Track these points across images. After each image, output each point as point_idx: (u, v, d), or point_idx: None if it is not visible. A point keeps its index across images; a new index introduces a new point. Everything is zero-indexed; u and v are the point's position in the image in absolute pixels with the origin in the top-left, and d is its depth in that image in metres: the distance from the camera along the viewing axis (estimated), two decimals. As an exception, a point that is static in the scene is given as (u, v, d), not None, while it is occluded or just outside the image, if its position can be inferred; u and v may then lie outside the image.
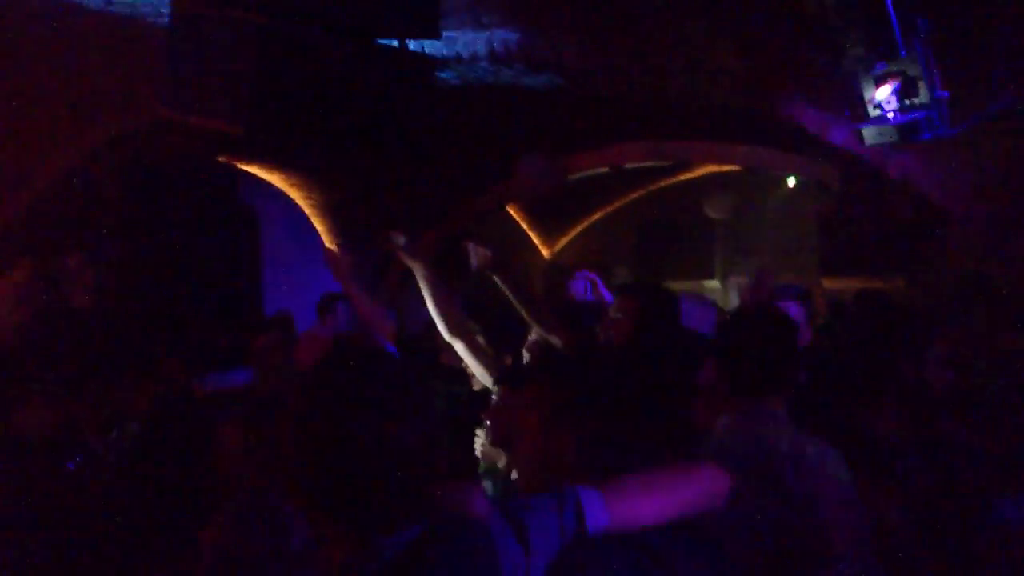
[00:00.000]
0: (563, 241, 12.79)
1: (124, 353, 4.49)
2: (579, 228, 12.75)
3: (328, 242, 9.26)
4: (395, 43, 4.20)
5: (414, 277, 3.98)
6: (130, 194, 6.02)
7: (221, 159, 7.56)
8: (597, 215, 12.51)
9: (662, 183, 11.42)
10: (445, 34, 5.24)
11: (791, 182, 10.12)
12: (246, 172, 8.33)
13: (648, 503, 1.77)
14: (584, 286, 6.65)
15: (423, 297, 3.95)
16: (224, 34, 3.50)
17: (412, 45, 4.71)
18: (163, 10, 4.75)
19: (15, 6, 4.98)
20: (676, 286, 10.72)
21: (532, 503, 1.73)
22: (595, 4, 4.74)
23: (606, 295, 5.13)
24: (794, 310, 3.87)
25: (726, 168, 10.03)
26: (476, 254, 4.30)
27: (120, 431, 3.47)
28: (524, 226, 12.25)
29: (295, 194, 8.94)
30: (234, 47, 3.48)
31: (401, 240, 4.31)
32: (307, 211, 9.18)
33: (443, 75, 5.75)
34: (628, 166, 8.92)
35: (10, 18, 5.08)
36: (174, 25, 3.68)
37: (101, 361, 3.96)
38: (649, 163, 8.98)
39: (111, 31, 5.19)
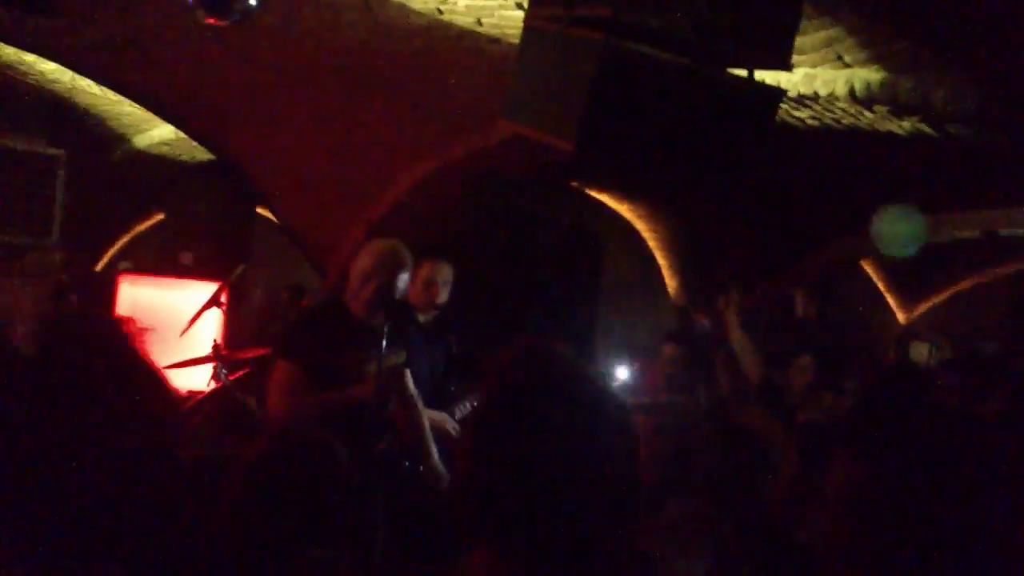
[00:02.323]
0: (923, 307, 11.83)
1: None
2: (944, 295, 11.75)
3: (669, 278, 9.23)
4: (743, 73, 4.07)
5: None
6: (479, 206, 6.32)
7: (572, 183, 7.77)
8: (966, 283, 11.45)
9: (1045, 256, 10.25)
10: (804, 71, 5.01)
11: None
12: (594, 199, 8.52)
13: None
14: (930, 351, 6.09)
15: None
16: (566, 51, 3.55)
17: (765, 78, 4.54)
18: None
19: (399, 24, 5.41)
20: (1050, 371, 9.51)
21: None
22: (970, 42, 4.31)
23: None
24: None
25: None
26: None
27: None
28: (880, 286, 11.49)
29: (641, 226, 8.99)
30: (573, 64, 3.51)
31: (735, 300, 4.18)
32: (651, 244, 9.21)
33: (798, 114, 5.51)
34: (1004, 232, 8.07)
35: (394, 34, 5.52)
36: (522, 39, 3.79)
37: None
38: (1028, 232, 8.08)
39: (480, 50, 5.48)
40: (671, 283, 9.26)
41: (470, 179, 6.35)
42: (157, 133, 8.64)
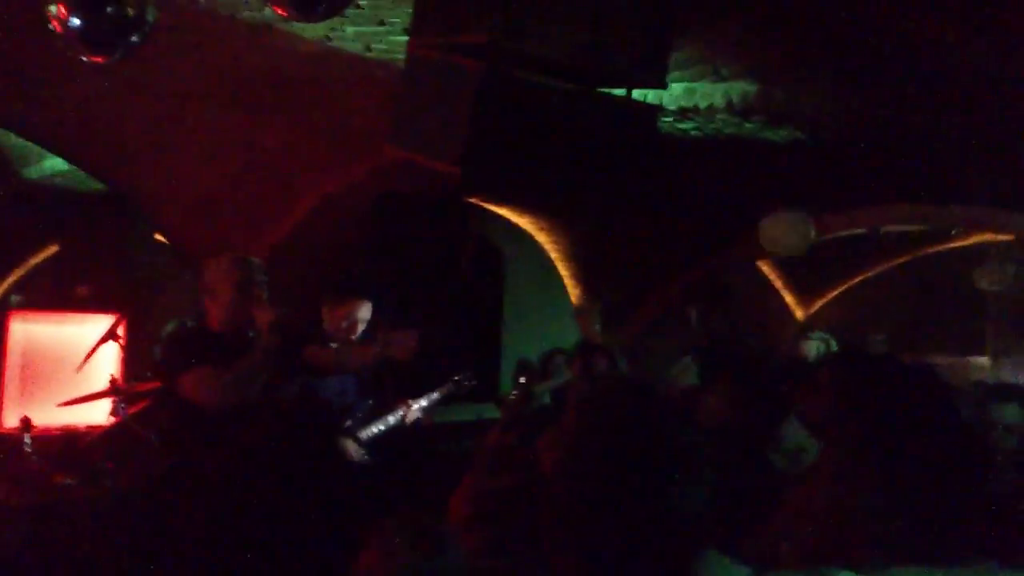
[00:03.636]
0: (819, 303, 12.25)
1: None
2: (837, 291, 12.18)
3: (571, 288, 9.41)
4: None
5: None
6: (382, 224, 6.39)
7: (471, 199, 7.88)
8: (858, 278, 11.90)
9: (928, 249, 10.70)
10: (684, 85, 5.21)
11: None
12: (495, 213, 8.64)
13: None
14: (817, 347, 6.35)
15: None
16: (447, 78, 3.66)
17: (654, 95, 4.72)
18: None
19: (290, 51, 5.45)
20: (939, 360, 9.95)
21: None
22: (841, 51, 4.54)
23: None
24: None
25: (1003, 237, 9.27)
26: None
27: None
28: (778, 284, 11.86)
29: (542, 238, 9.15)
30: (455, 91, 3.62)
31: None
32: (553, 256, 9.37)
33: (683, 126, 5.71)
34: (887, 230, 8.44)
35: (286, 61, 5.56)
36: (405, 68, 3.89)
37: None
38: (910, 228, 8.47)
39: (371, 75, 5.55)
40: (573, 292, 9.43)
41: (370, 199, 6.42)
42: (49, 164, 8.47)
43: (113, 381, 4.84)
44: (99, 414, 5.11)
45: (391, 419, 5.24)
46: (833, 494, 1.69)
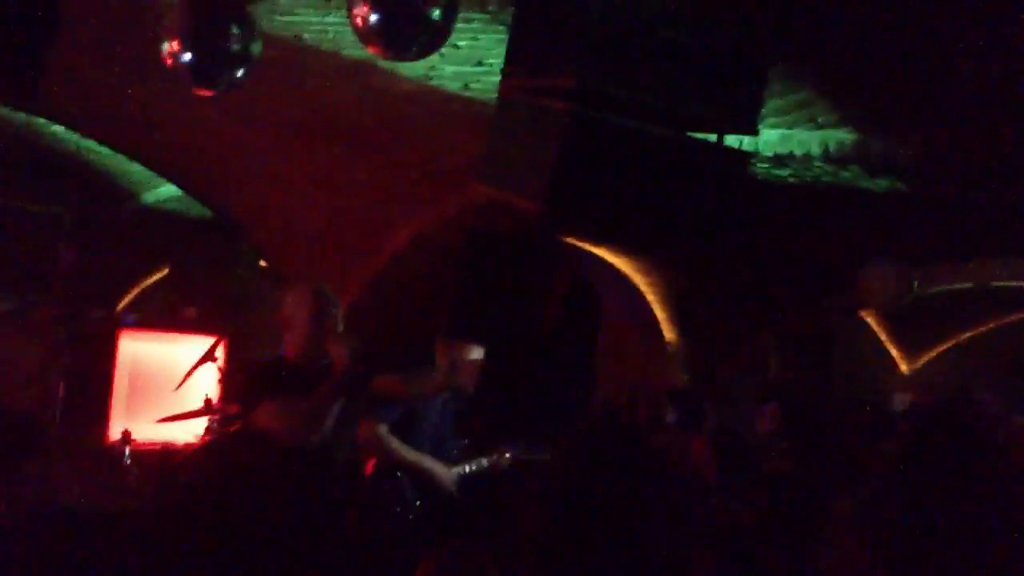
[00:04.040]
0: (925, 357, 11.86)
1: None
2: (946, 345, 11.78)
3: (667, 331, 9.33)
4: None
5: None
6: (473, 261, 6.47)
7: (566, 239, 7.92)
8: (967, 333, 11.49)
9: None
10: (780, 132, 5.16)
11: None
12: (592, 253, 8.65)
13: None
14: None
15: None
16: (535, 120, 3.71)
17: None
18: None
19: (390, 89, 5.60)
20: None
21: None
22: (941, 102, 4.44)
23: None
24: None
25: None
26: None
27: None
28: (883, 336, 11.53)
29: (639, 280, 9.11)
30: (542, 132, 3.67)
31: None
32: (649, 298, 9.32)
33: (779, 172, 5.65)
34: (998, 284, 8.16)
35: (385, 98, 5.71)
36: (496, 108, 3.96)
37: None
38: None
39: (468, 112, 5.66)
40: (669, 336, 9.35)
41: (465, 235, 6.52)
42: (165, 190, 8.86)
43: (207, 402, 5.01)
44: (196, 432, 5.29)
45: (484, 462, 5.25)
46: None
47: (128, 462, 4.87)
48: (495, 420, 5.55)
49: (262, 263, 8.49)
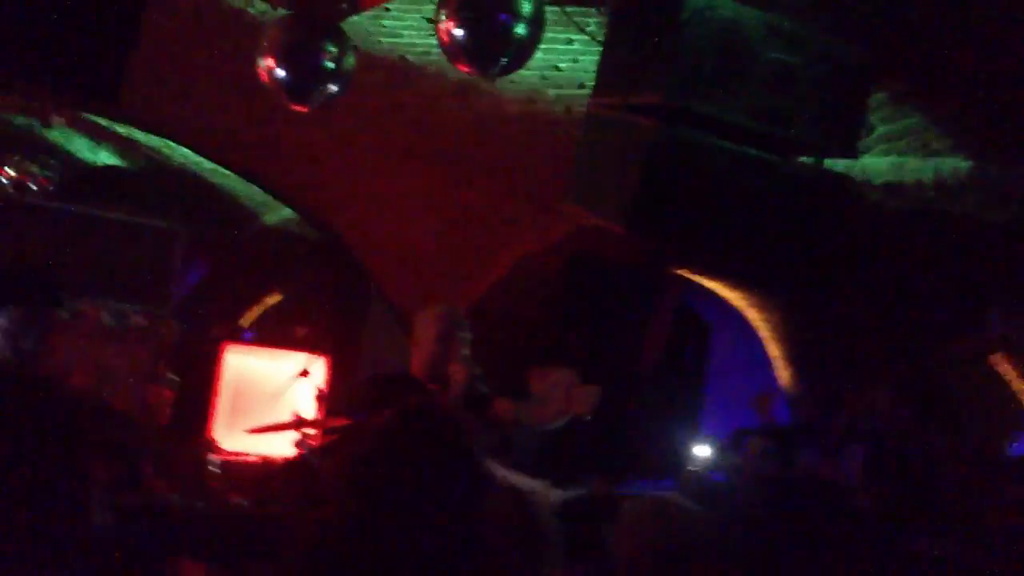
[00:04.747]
0: (1065, 410, 11.12)
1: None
2: (1088, 398, 11.03)
3: (781, 369, 9.04)
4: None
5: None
6: (574, 287, 6.41)
7: (676, 270, 7.77)
8: (1112, 385, 10.73)
9: None
10: (892, 159, 4.95)
11: None
12: (704, 287, 8.47)
13: None
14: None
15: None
16: (621, 137, 3.65)
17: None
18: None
19: (494, 111, 5.63)
20: None
21: None
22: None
23: None
24: None
25: None
26: None
27: None
28: (1015, 384, 10.88)
29: (752, 315, 8.86)
30: (627, 150, 3.60)
31: None
32: (763, 334, 9.04)
33: (893, 202, 5.41)
34: None
35: (490, 121, 5.74)
36: (585, 126, 3.92)
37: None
38: None
39: (572, 137, 5.63)
40: (783, 374, 9.04)
41: (565, 260, 6.47)
42: (288, 211, 9.13)
43: (296, 416, 5.08)
44: (284, 445, 5.37)
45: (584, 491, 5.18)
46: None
47: (216, 469, 5.01)
48: (585, 453, 5.45)
49: (372, 287, 8.63)
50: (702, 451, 6.55)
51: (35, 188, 7.17)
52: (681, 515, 2.81)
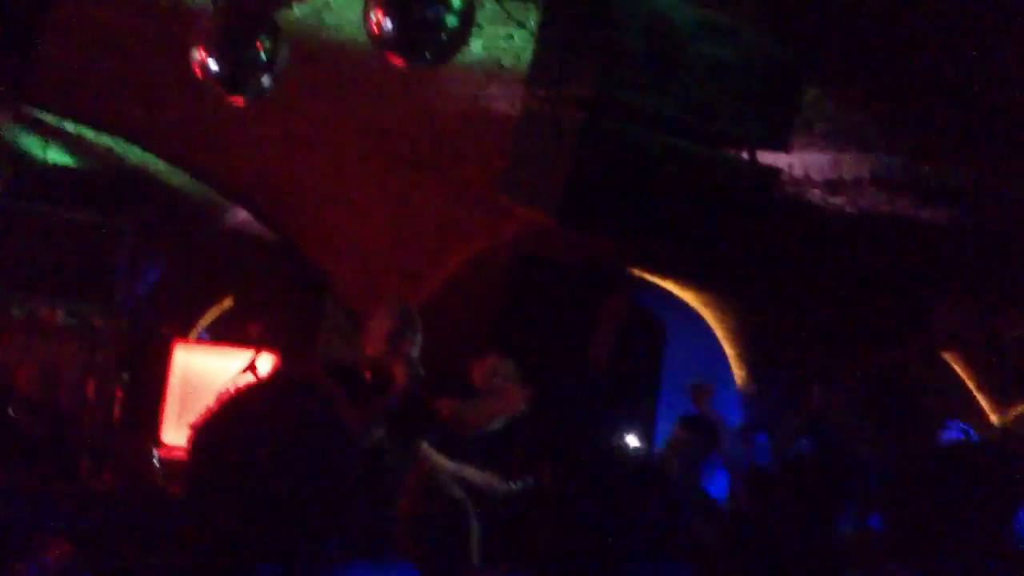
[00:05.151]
0: (1020, 408, 11.25)
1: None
2: (1041, 397, 11.16)
3: (736, 368, 9.10)
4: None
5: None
6: (518, 286, 6.44)
7: (631, 270, 7.81)
8: (1065, 385, 10.87)
9: None
10: (827, 155, 5.00)
11: None
12: (658, 286, 8.51)
13: None
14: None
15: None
16: (552, 129, 3.67)
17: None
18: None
19: (442, 109, 5.63)
20: None
21: None
22: (1000, 122, 4.24)
23: None
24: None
25: None
26: None
27: None
28: (970, 384, 10.99)
29: (707, 314, 8.92)
30: (558, 142, 3.63)
31: None
32: (719, 334, 9.10)
33: (834, 200, 5.47)
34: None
35: (438, 119, 5.75)
36: (518, 120, 3.94)
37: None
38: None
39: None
40: (738, 371, 9.11)
41: (514, 258, 6.49)
42: (243, 212, 9.10)
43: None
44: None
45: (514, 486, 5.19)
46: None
47: (156, 463, 5.03)
48: (536, 447, 5.47)
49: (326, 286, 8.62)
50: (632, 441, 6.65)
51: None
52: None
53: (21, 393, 5.38)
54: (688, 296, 8.69)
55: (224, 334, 8.16)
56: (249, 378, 5.36)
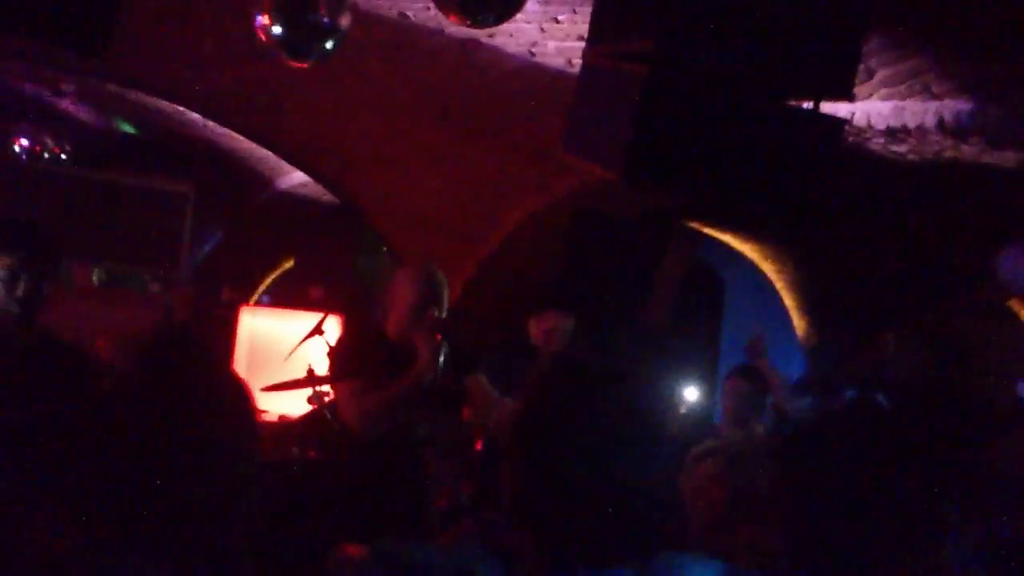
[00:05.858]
0: (1087, 359, 11.05)
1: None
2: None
3: (797, 320, 9.04)
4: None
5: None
6: (580, 242, 6.42)
7: (689, 223, 7.77)
8: None
9: None
10: (893, 103, 4.92)
11: None
12: (718, 240, 8.47)
13: None
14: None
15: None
16: (614, 85, 3.65)
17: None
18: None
19: (496, 67, 5.63)
20: None
21: None
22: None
23: None
24: None
25: None
26: None
27: None
28: (1035, 334, 10.81)
29: (767, 267, 8.86)
30: (620, 97, 3.61)
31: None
32: (778, 286, 9.04)
33: (897, 148, 5.38)
34: None
35: (493, 77, 5.74)
36: (580, 76, 3.92)
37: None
38: None
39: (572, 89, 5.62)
40: (799, 324, 9.05)
41: (572, 214, 6.48)
42: (298, 175, 9.18)
43: (310, 372, 5.14)
44: (299, 401, 5.45)
45: None
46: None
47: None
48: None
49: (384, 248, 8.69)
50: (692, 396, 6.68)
51: (47, 156, 7.26)
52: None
53: (101, 360, 5.52)
54: (747, 249, 8.64)
55: (285, 298, 8.27)
56: (317, 341, 5.45)
